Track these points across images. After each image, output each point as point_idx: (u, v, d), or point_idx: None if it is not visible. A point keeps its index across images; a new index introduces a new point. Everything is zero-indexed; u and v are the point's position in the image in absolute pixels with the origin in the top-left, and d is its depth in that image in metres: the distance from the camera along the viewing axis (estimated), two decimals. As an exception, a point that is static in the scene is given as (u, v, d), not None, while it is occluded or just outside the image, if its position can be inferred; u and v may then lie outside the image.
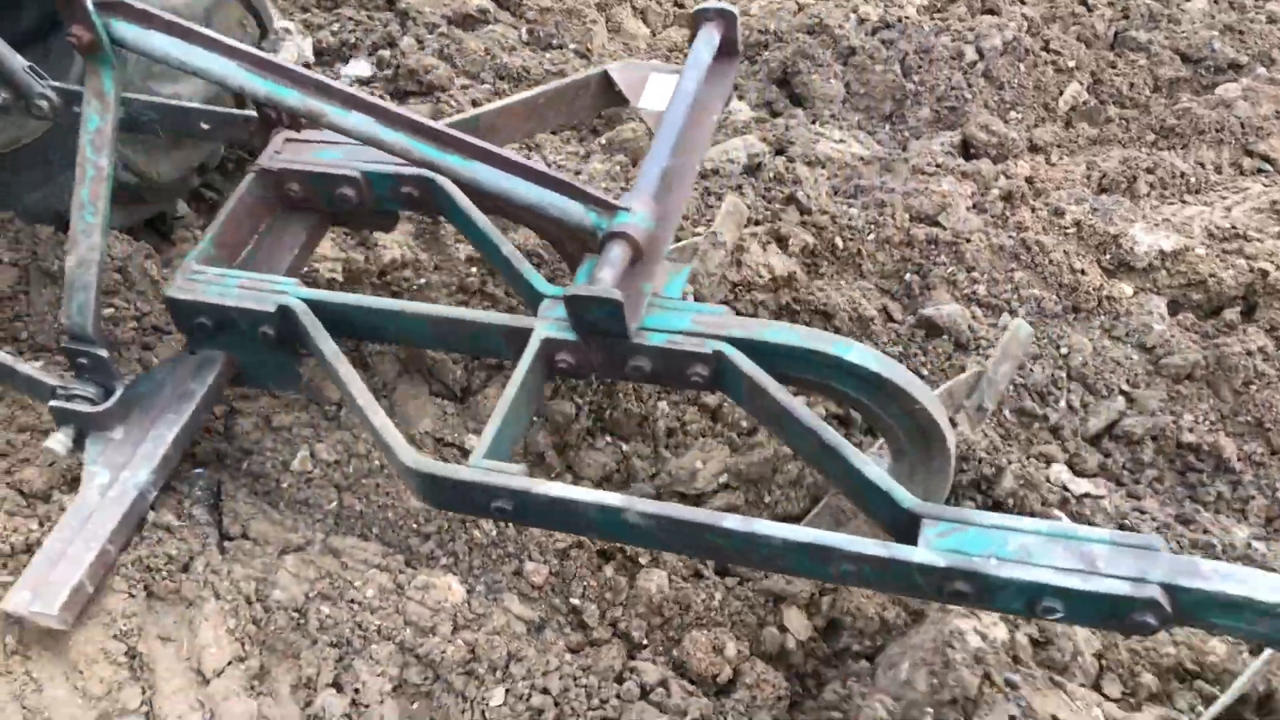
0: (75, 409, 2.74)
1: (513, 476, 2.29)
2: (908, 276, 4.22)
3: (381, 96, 4.83)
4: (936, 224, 4.36)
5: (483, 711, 2.52)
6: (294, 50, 5.09)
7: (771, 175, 4.54)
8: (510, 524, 2.96)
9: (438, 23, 5.39)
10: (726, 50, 3.01)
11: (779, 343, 2.45)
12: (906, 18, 5.70)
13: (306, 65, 5.07)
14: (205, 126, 3.33)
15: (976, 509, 2.87)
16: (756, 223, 4.29)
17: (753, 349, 2.43)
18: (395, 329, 2.80)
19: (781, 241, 4.12)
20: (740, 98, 5.43)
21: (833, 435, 2.32)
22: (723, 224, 3.61)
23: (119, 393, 2.79)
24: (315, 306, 2.70)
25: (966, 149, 5.13)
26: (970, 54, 5.43)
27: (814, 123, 5.15)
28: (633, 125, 4.89)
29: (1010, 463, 3.39)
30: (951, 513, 2.18)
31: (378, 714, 2.50)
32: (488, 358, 3.47)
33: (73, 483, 2.78)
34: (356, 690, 2.52)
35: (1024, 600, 2.06)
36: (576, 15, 5.75)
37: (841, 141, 5.00)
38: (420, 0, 5.48)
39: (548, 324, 2.55)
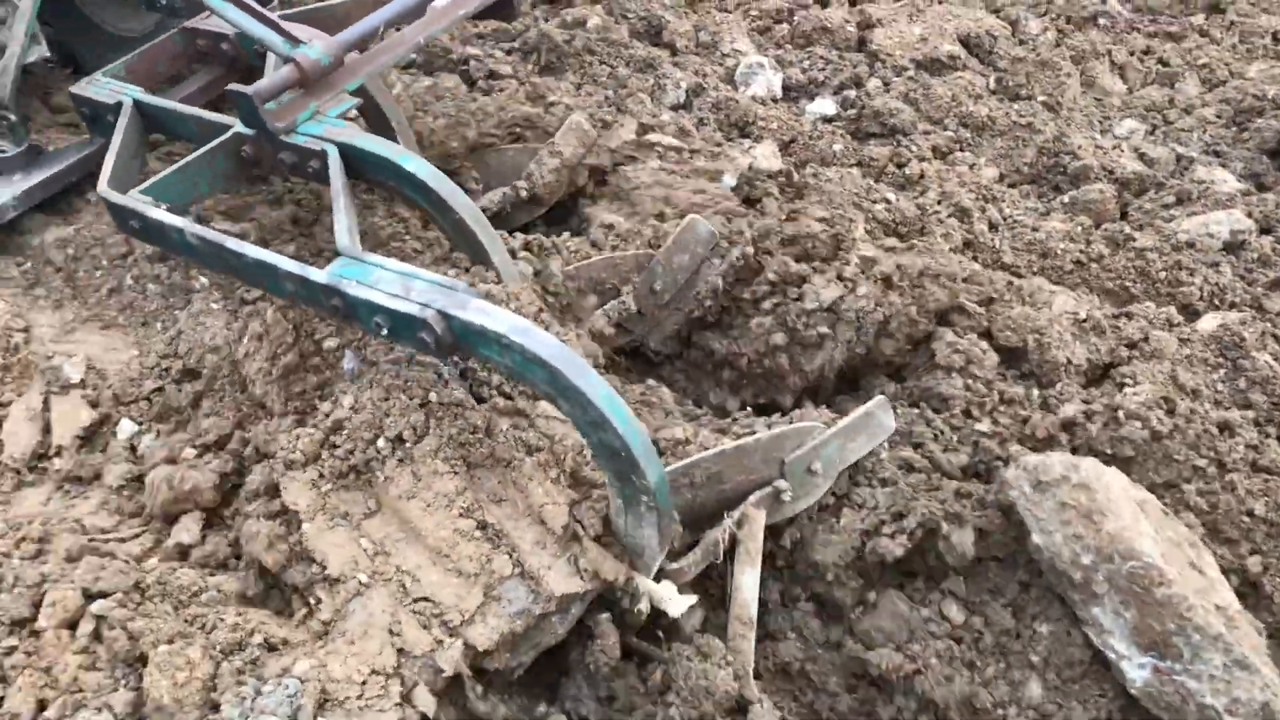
0: None
1: (143, 204, 3.03)
2: None
3: (843, 136, 4.91)
4: None
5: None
6: (764, 84, 5.29)
7: (1255, 256, 4.15)
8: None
9: (906, 66, 5.40)
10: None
11: (364, 149, 3.11)
12: None
13: (774, 100, 5.26)
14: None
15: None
16: (1232, 305, 3.94)
17: (350, 153, 3.11)
18: (177, 127, 3.53)
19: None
20: (1224, 166, 5.01)
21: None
22: (564, 138, 4.12)
23: (23, 148, 3.78)
24: (138, 105, 3.52)
25: None
26: None
27: (1312, 201, 4.65)
28: (1099, 186, 4.65)
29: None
30: (361, 255, 2.75)
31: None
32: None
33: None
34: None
35: (369, 316, 2.61)
36: (1050, 67, 5.55)
37: (1344, 225, 4.47)
38: (891, 43, 5.52)
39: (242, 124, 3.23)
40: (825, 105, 5.17)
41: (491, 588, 2.52)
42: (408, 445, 2.71)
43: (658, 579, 2.69)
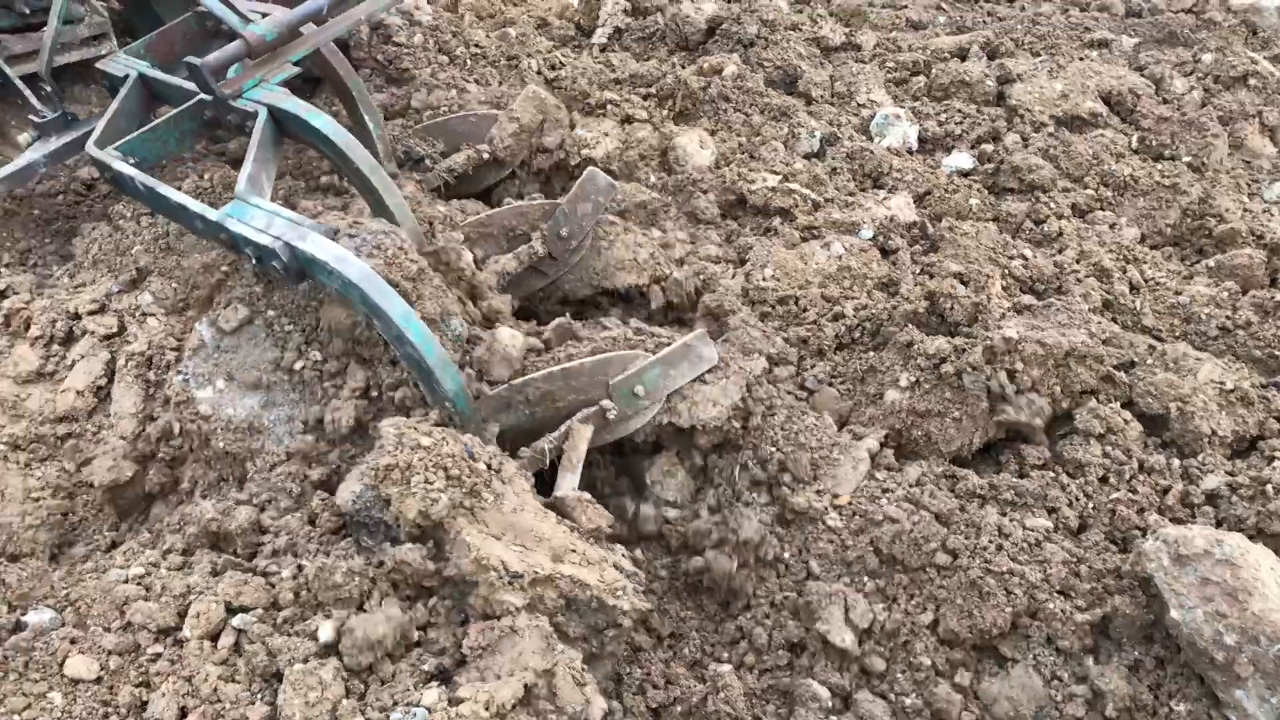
0: (33, 119, 4.19)
1: (112, 158, 3.58)
2: None
3: (980, 190, 4.86)
4: None
5: None
6: (900, 135, 5.27)
7: None
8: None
9: (1046, 122, 5.33)
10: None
11: (285, 109, 3.58)
12: None
13: (909, 151, 5.23)
14: None
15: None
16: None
17: (276, 113, 3.60)
18: (172, 96, 3.91)
19: None
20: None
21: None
22: (522, 106, 4.48)
23: (58, 114, 4.18)
24: (142, 77, 3.96)
25: None
26: None
27: None
28: (1248, 251, 4.50)
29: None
30: (247, 198, 3.25)
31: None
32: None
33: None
34: None
35: (244, 247, 3.15)
36: (1197, 128, 5.41)
37: None
38: (1032, 99, 5.45)
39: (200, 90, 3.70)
40: (962, 159, 5.12)
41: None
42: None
43: None
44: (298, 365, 3.35)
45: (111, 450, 3.45)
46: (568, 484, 3.11)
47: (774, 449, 3.38)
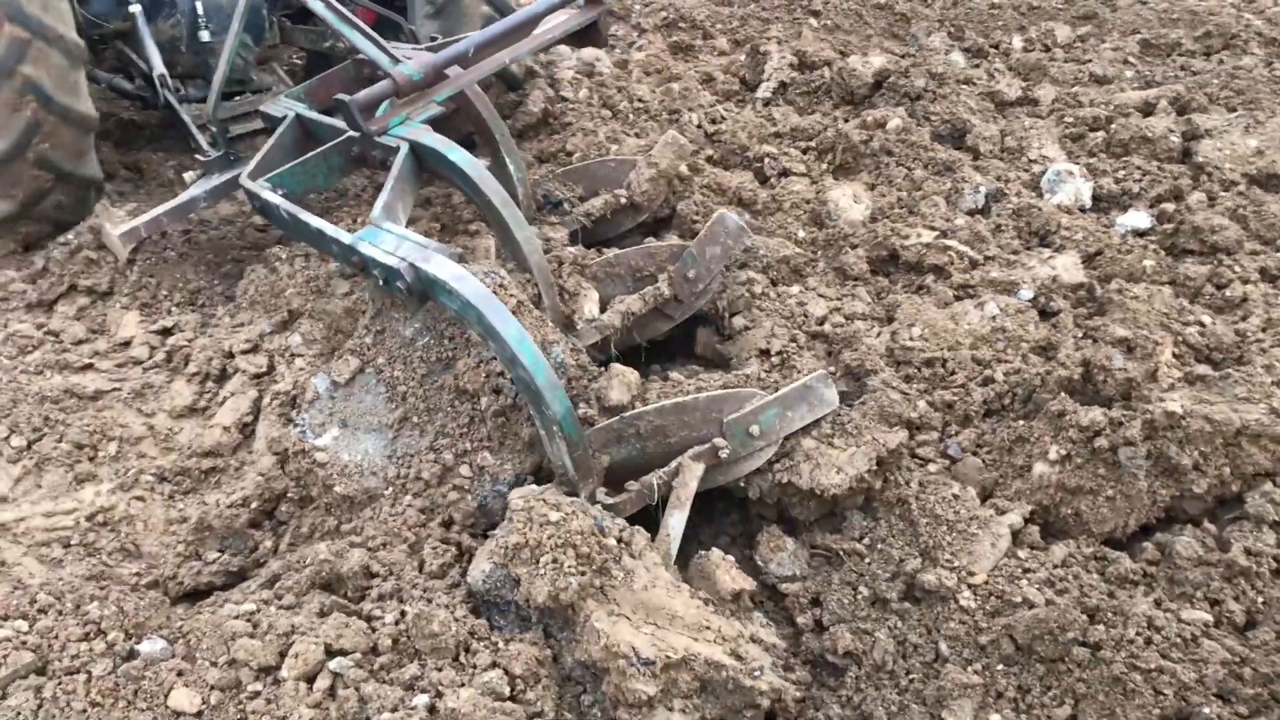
0: (199, 158, 4.54)
1: (262, 189, 3.84)
2: None
3: (1156, 251, 4.53)
4: None
5: None
6: (1072, 192, 4.99)
7: None
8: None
9: (1236, 180, 4.94)
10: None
11: (425, 144, 3.80)
12: None
13: (1081, 209, 4.94)
14: None
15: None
16: None
17: (417, 149, 3.83)
18: (324, 134, 4.17)
19: None
20: None
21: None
22: (660, 152, 4.43)
23: (221, 153, 4.52)
24: (299, 118, 4.28)
25: None
26: None
27: None
28: None
29: None
30: (380, 224, 3.41)
31: None
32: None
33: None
34: None
35: (372, 269, 3.27)
36: None
37: None
38: (1222, 155, 5.08)
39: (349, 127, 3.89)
40: (1138, 218, 4.79)
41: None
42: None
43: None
44: (408, 411, 3.37)
45: (246, 486, 3.55)
46: (675, 522, 3.06)
47: (906, 522, 3.19)
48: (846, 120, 5.73)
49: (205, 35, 4.86)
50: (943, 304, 4.13)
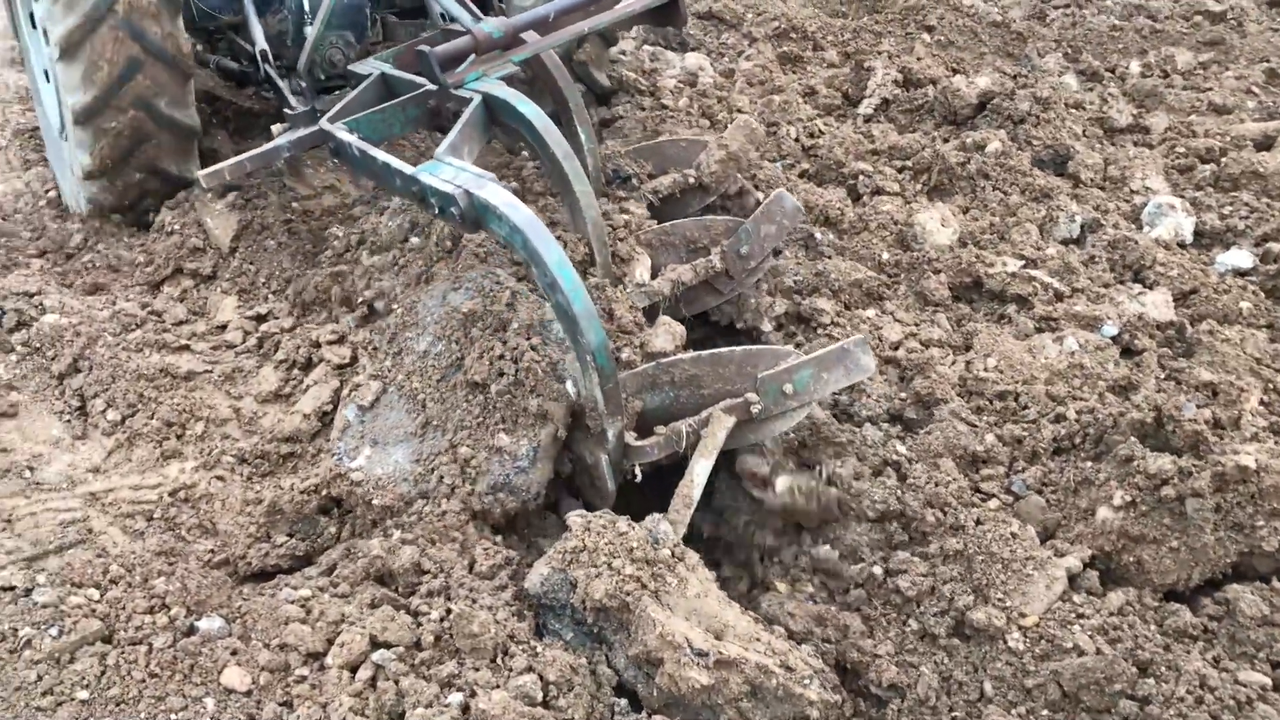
0: (286, 111, 4.56)
1: (337, 130, 3.96)
2: None
3: (1255, 293, 4.38)
4: None
5: None
6: (1172, 226, 4.85)
7: None
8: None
9: (1358, 218, 4.74)
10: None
11: (497, 96, 3.88)
12: None
13: (1180, 245, 4.79)
14: None
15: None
16: None
17: (490, 101, 3.91)
18: (404, 89, 4.23)
19: None
20: None
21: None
22: (732, 134, 4.36)
23: (308, 109, 4.50)
24: (383, 75, 4.35)
25: None
26: None
27: None
28: None
29: None
30: (441, 158, 3.53)
31: None
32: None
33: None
34: None
35: (430, 197, 3.42)
36: None
37: None
38: (1342, 194, 4.87)
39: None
40: (1240, 257, 4.63)
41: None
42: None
43: (625, 456, 3.25)
44: (429, 416, 3.45)
45: (319, 473, 3.67)
46: (700, 469, 3.08)
47: (960, 557, 3.16)
48: (946, 140, 5.65)
49: (310, 31, 4.99)
50: (1022, 336, 4.06)
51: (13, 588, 2.91)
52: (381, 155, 3.73)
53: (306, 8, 5.05)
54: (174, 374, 4.14)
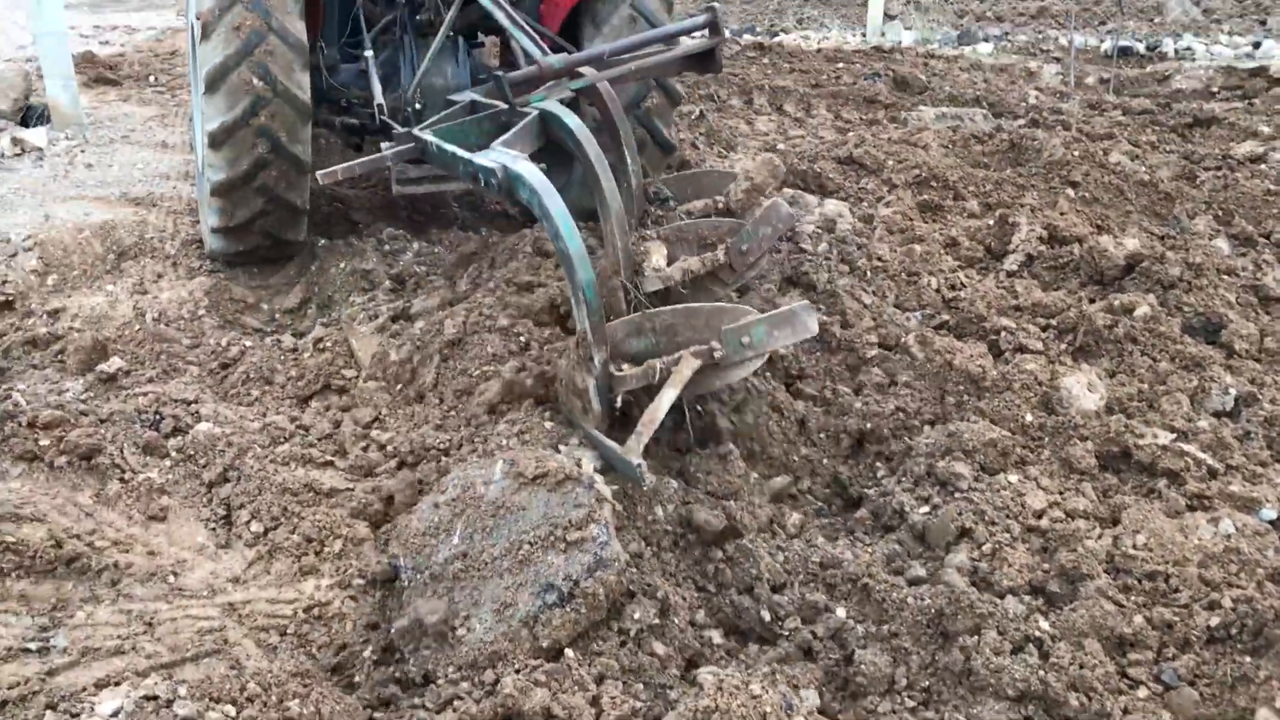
0: (395, 130, 5.20)
1: (422, 133, 4.85)
2: None
3: None
4: None
5: None
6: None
7: None
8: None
9: None
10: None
11: (549, 110, 4.71)
12: None
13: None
14: None
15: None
16: None
17: (544, 115, 4.70)
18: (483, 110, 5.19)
19: None
20: None
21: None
22: (758, 169, 4.83)
23: (408, 130, 5.02)
24: (472, 101, 5.39)
25: None
26: None
27: None
28: None
29: None
30: (494, 146, 4.43)
31: None
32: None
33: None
34: None
35: (478, 173, 4.31)
36: None
37: None
38: None
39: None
40: None
41: None
42: None
43: (609, 383, 3.90)
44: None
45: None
46: (667, 395, 3.73)
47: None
48: (1092, 301, 5.57)
49: (418, 105, 5.98)
50: (1173, 513, 3.91)
51: (155, 697, 2.97)
52: (450, 147, 4.61)
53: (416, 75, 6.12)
54: (317, 489, 4.25)
